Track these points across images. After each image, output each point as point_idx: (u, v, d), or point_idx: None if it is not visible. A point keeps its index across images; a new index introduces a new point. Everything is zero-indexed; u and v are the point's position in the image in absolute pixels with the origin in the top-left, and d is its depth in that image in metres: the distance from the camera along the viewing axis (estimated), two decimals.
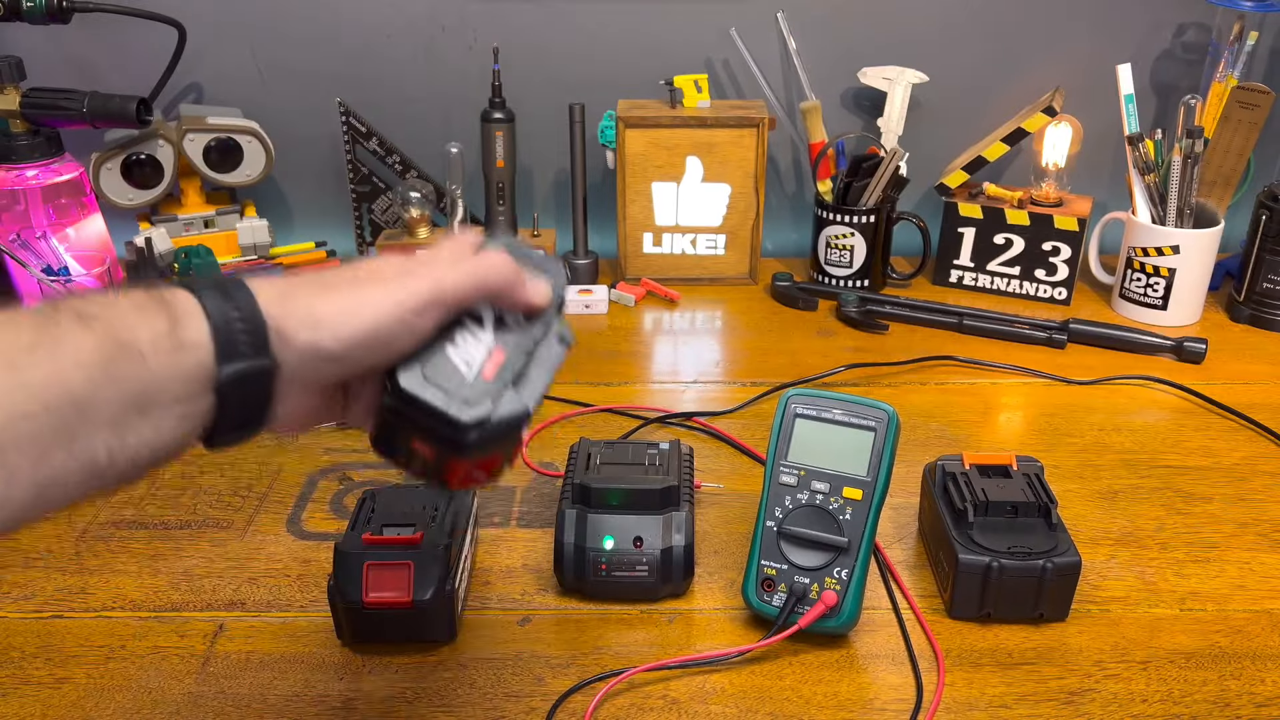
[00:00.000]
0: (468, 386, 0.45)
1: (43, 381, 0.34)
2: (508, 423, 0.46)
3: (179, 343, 0.39)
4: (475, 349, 0.47)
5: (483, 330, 0.48)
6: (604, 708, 0.61)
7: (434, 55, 1.22)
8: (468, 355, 0.47)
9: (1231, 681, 0.62)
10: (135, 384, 0.37)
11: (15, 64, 1.06)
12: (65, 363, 0.35)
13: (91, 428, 0.36)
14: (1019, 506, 0.68)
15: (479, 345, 0.47)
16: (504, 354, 0.48)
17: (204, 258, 1.11)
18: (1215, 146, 1.12)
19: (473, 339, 0.48)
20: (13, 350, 0.34)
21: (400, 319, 0.44)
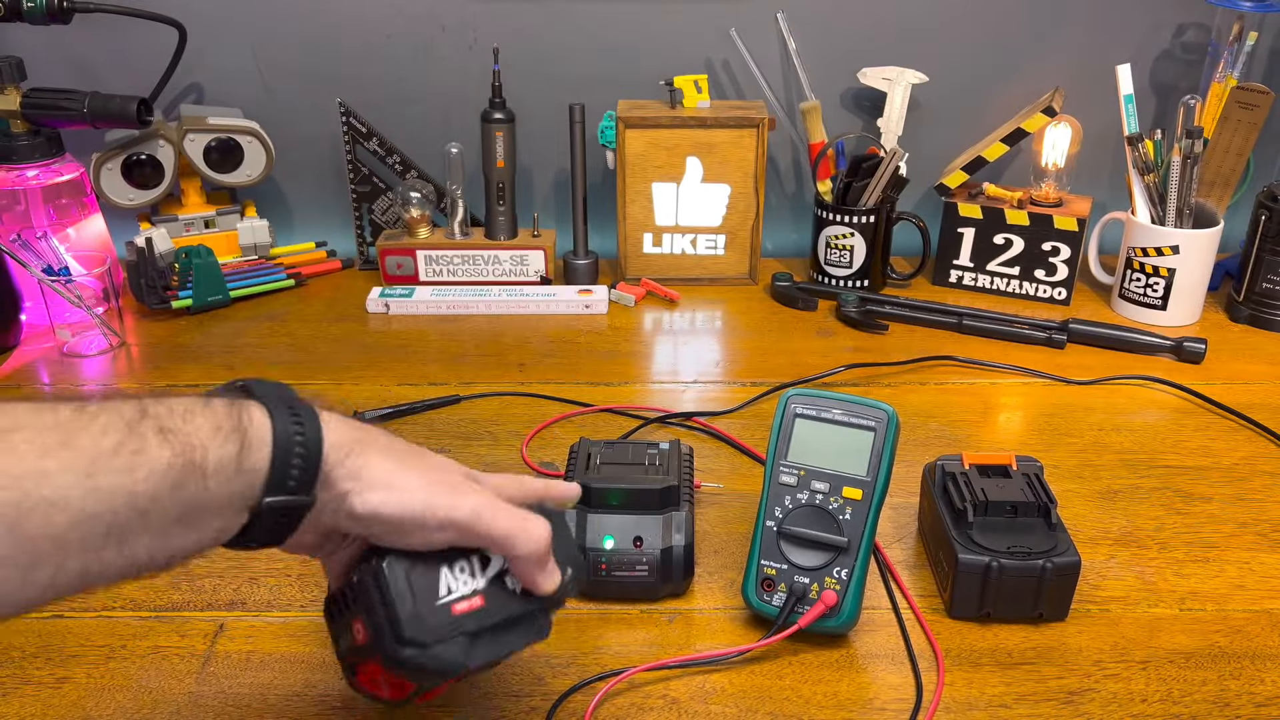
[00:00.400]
0: (433, 610, 0.47)
1: (115, 489, 0.36)
2: (440, 665, 0.46)
3: (240, 468, 0.41)
4: (464, 583, 0.48)
5: (483, 573, 0.49)
6: (604, 707, 0.61)
7: (434, 55, 1.22)
8: (454, 583, 0.48)
9: (1231, 681, 0.63)
10: (192, 501, 0.39)
11: (16, 64, 1.06)
12: (140, 474, 0.37)
13: (143, 533, 0.38)
14: (1018, 506, 0.68)
15: (469, 582, 0.48)
16: (483, 604, 0.48)
17: (204, 258, 1.12)
18: (1215, 147, 1.12)
19: (468, 573, 0.49)
20: (95, 452, 0.36)
21: (424, 522, 0.46)
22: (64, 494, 0.35)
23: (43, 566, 0.35)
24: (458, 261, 1.19)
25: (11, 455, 0.34)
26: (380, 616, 0.46)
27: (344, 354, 1.04)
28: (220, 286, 1.13)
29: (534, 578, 0.49)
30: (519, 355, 1.05)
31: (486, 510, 0.47)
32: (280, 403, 0.44)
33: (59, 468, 0.35)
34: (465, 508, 0.47)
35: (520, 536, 0.48)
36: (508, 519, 0.48)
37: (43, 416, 0.36)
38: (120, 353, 1.05)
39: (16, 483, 0.34)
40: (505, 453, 0.87)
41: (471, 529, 0.47)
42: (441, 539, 0.47)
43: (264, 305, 1.16)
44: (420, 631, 0.46)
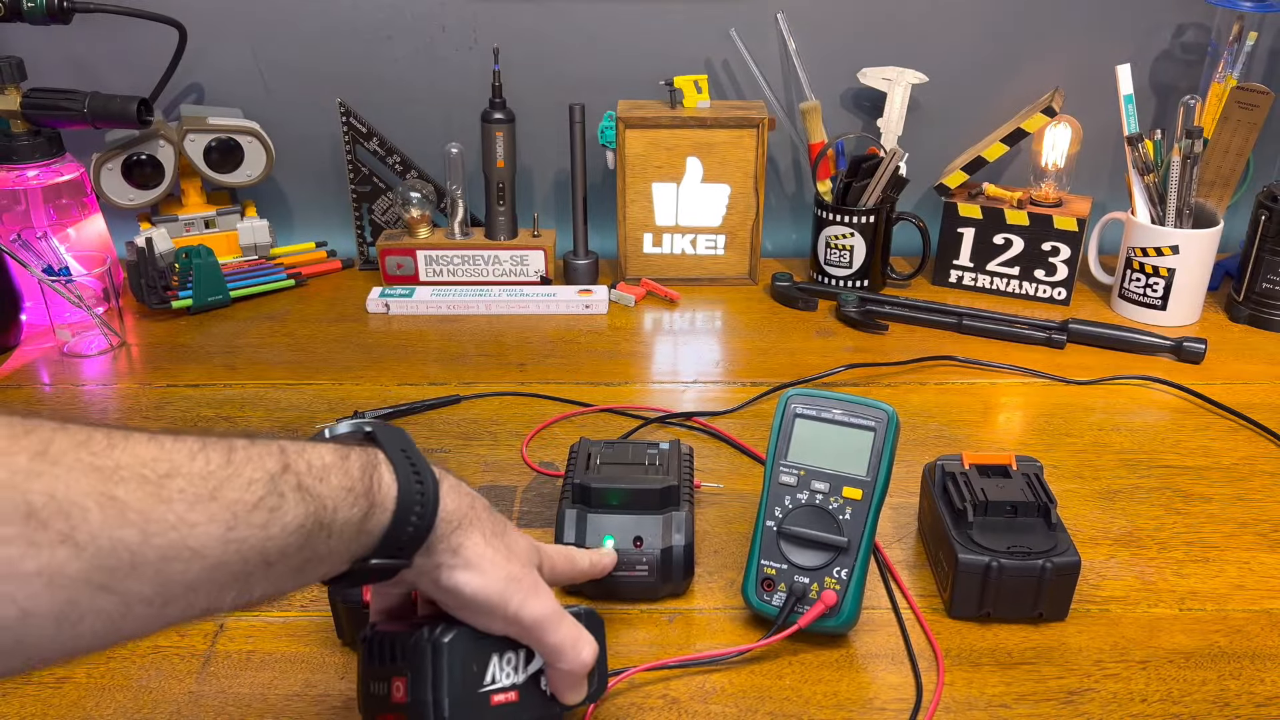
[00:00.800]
0: (475, 696, 0.48)
1: (250, 542, 0.37)
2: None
3: (361, 530, 0.43)
4: (507, 675, 0.50)
5: (525, 669, 0.51)
6: (604, 707, 0.61)
7: (434, 55, 1.22)
8: (498, 673, 0.49)
9: (1231, 681, 0.63)
10: (312, 554, 0.41)
11: (16, 64, 1.06)
12: (274, 530, 0.38)
13: (264, 580, 0.39)
14: (1018, 506, 0.68)
15: (511, 675, 0.50)
16: (517, 699, 0.50)
17: (204, 258, 1.12)
18: (1214, 147, 1.12)
19: (512, 666, 0.50)
20: (239, 506, 0.37)
21: (494, 611, 0.48)
22: (206, 545, 0.36)
23: (175, 604, 0.36)
24: (458, 261, 1.20)
25: (166, 504, 0.35)
26: (426, 688, 0.47)
27: (344, 354, 1.04)
28: (220, 286, 1.13)
29: (566, 690, 0.51)
30: (519, 355, 1.05)
31: (551, 620, 0.49)
32: (405, 463, 0.45)
33: (205, 519, 0.36)
34: (534, 612, 0.49)
35: (570, 653, 0.50)
36: (564, 634, 0.50)
37: (195, 463, 0.37)
38: (120, 353, 1.05)
39: (167, 531, 0.35)
40: (505, 453, 0.87)
41: (531, 633, 0.49)
42: (500, 629, 0.49)
43: (264, 305, 1.16)
44: (459, 715, 0.47)
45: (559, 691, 0.51)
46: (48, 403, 0.96)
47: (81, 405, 0.95)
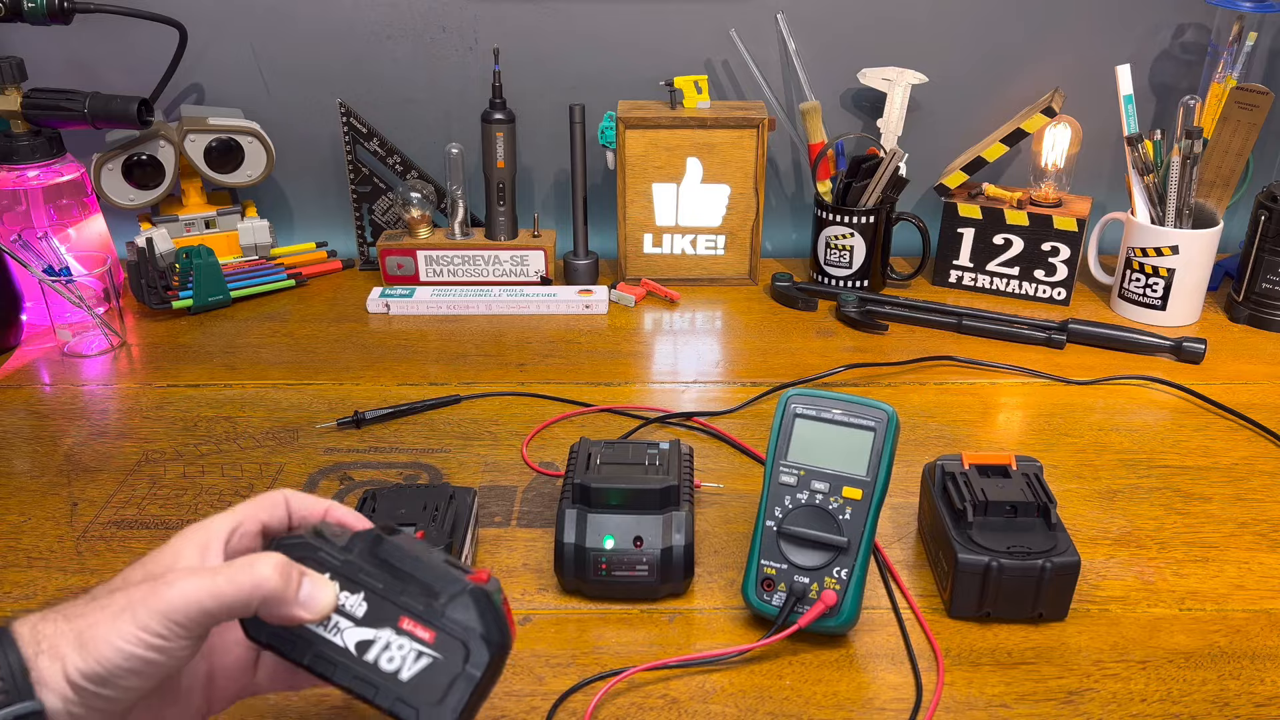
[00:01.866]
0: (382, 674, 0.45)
1: None
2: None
3: None
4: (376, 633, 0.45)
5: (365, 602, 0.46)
6: (604, 707, 0.61)
7: (434, 56, 1.23)
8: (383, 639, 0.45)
9: (1230, 681, 0.63)
10: None
11: (16, 64, 1.06)
12: None
13: None
14: (1018, 506, 0.68)
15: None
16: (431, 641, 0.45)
17: (205, 258, 1.12)
18: (1214, 147, 1.12)
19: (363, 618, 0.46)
20: None
21: (142, 652, 0.41)
22: None
23: None
24: (458, 262, 1.20)
25: None
26: (379, 699, 0.44)
27: (344, 354, 1.05)
28: (221, 287, 1.13)
29: (289, 614, 0.44)
30: (519, 355, 1.05)
31: (201, 590, 0.41)
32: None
33: None
34: (151, 611, 0.41)
35: (237, 590, 0.42)
36: (228, 584, 0.42)
37: None
38: (121, 353, 1.05)
39: None
40: (505, 453, 0.87)
41: (188, 622, 0.41)
42: (179, 649, 0.42)
43: (265, 305, 1.16)
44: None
45: (286, 617, 0.44)
46: (48, 403, 0.96)
47: (81, 405, 0.95)
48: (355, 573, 0.46)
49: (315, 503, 0.51)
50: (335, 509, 0.51)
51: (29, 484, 0.83)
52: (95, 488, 0.82)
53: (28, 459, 0.87)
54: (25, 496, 0.81)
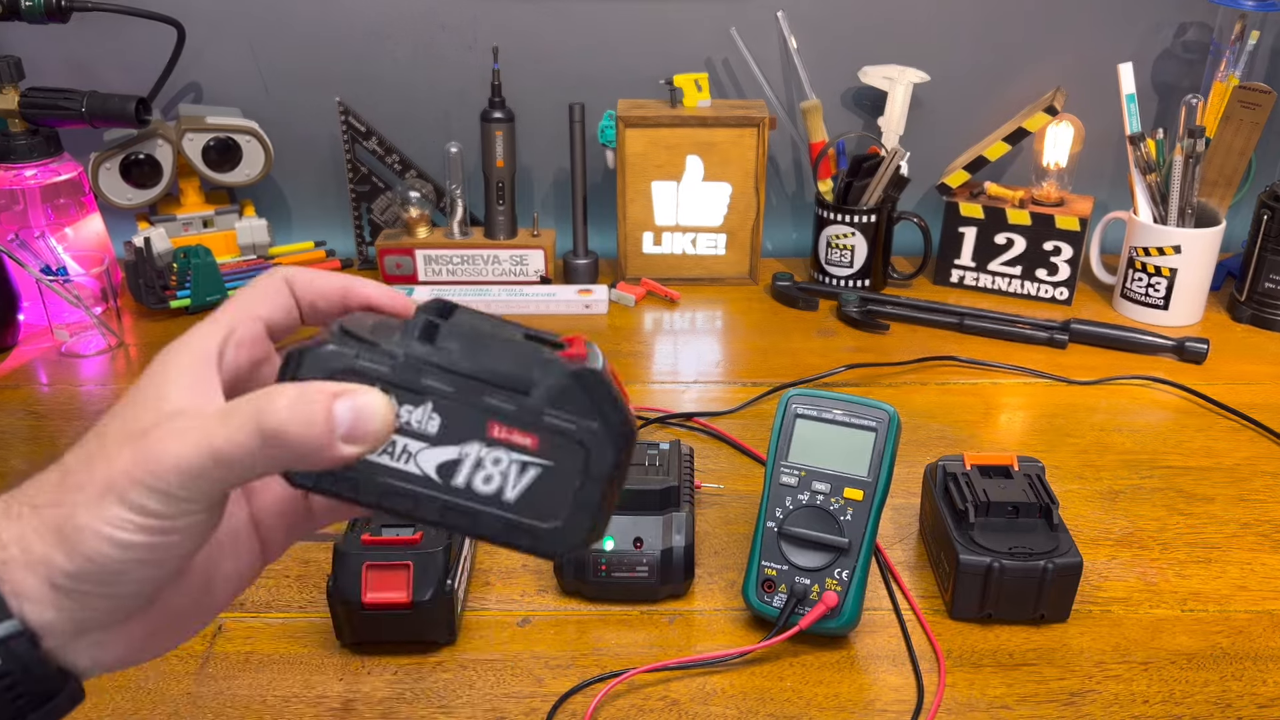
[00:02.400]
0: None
1: None
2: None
3: None
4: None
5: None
6: (604, 709, 0.60)
7: (434, 54, 1.22)
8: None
9: (1233, 682, 0.62)
10: None
11: (14, 63, 1.06)
12: None
13: None
14: (1020, 507, 0.67)
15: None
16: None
17: (203, 258, 1.11)
18: (1217, 146, 1.11)
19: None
20: None
21: (141, 538, 0.31)
22: None
23: None
24: (457, 261, 1.19)
25: None
26: (481, 528, 0.35)
27: None
28: (219, 286, 1.13)
29: (326, 455, 0.32)
30: None
31: (210, 444, 0.31)
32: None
33: None
34: (176, 454, 0.31)
35: (270, 427, 0.31)
36: (237, 429, 0.31)
37: None
38: (119, 353, 1.05)
39: None
40: None
41: (202, 487, 0.31)
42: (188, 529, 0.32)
43: None
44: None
45: (336, 459, 0.32)
46: (45, 403, 0.95)
47: (79, 405, 0.95)
48: (412, 377, 0.33)
49: (328, 281, 0.37)
50: (356, 286, 0.38)
51: None
52: None
53: (25, 459, 0.86)
54: None
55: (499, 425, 0.33)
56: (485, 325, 0.35)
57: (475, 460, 0.34)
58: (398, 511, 0.34)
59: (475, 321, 0.35)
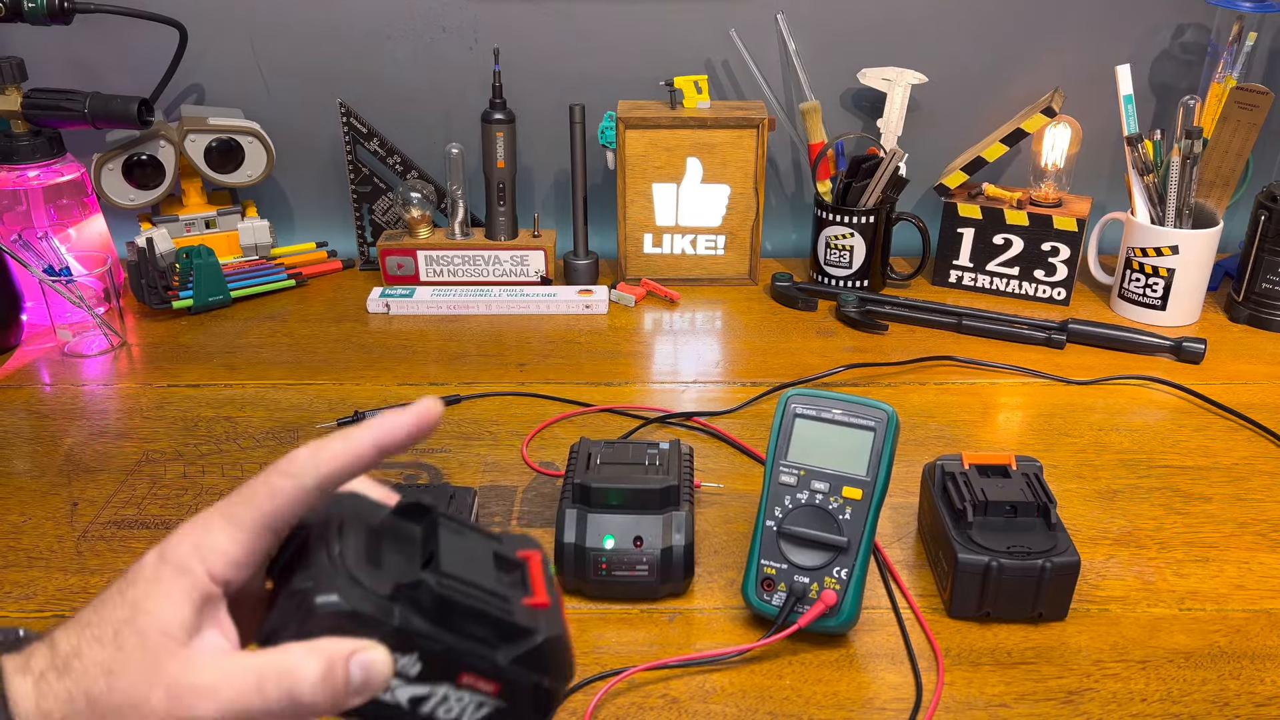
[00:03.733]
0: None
1: None
2: None
3: None
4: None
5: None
6: (604, 707, 0.61)
7: (435, 55, 1.22)
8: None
9: (1230, 681, 0.63)
10: None
11: (17, 64, 1.06)
12: None
13: None
14: (1018, 506, 0.68)
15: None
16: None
17: (205, 258, 1.12)
18: (1214, 147, 1.12)
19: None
20: None
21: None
22: None
23: None
24: (458, 262, 1.20)
25: None
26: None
27: (344, 354, 1.05)
28: (221, 287, 1.13)
29: (339, 710, 0.37)
30: (519, 355, 1.05)
31: (231, 698, 0.35)
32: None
33: None
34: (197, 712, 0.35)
35: (287, 693, 0.35)
36: (256, 690, 0.35)
37: None
38: (121, 353, 1.05)
39: None
40: (505, 453, 0.87)
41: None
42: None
43: (265, 305, 1.16)
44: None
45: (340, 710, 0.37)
46: (48, 403, 0.96)
47: (82, 406, 0.95)
48: (409, 635, 0.38)
49: (347, 466, 0.39)
50: (369, 456, 0.40)
51: (29, 484, 0.83)
52: (95, 488, 0.82)
53: (28, 459, 0.87)
54: (25, 496, 0.81)
55: (470, 675, 0.39)
56: (467, 573, 0.40)
57: (442, 697, 0.39)
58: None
59: (460, 569, 0.40)
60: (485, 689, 0.39)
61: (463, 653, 0.39)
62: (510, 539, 0.44)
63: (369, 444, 0.39)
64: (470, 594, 0.39)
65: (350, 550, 0.39)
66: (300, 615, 0.37)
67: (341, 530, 0.39)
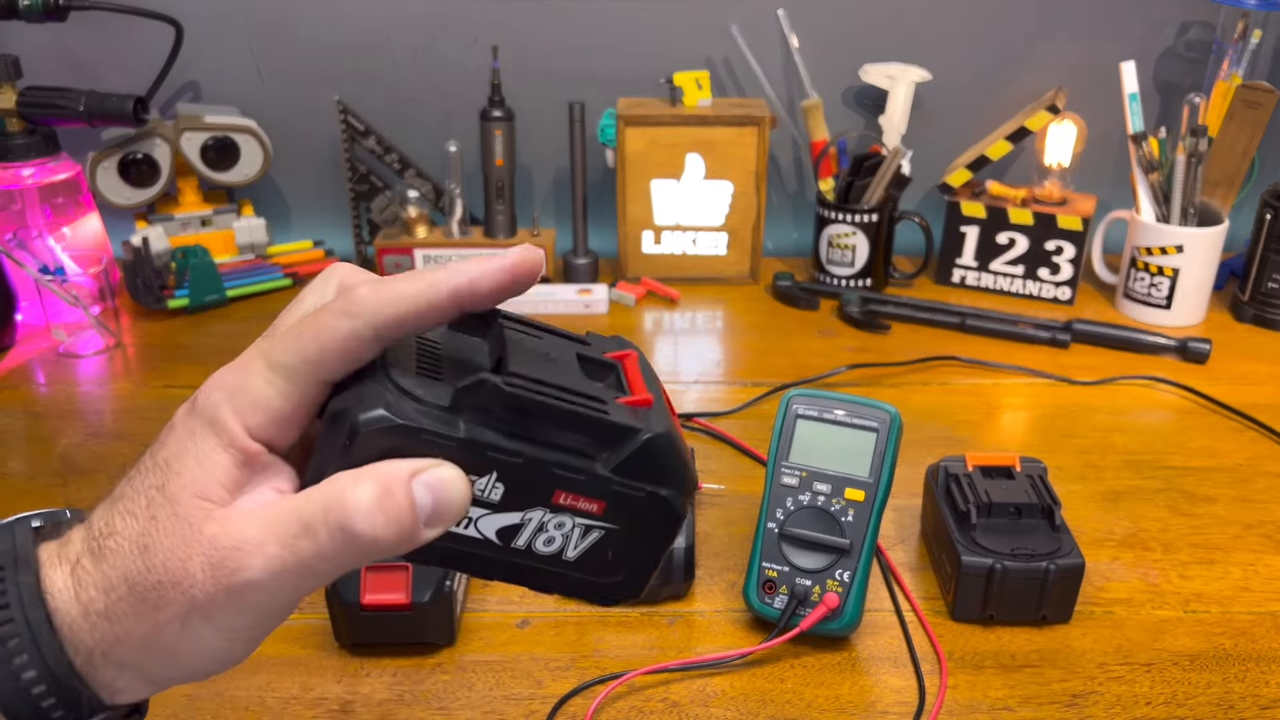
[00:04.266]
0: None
1: None
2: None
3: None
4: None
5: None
6: (604, 711, 0.60)
7: (433, 53, 1.22)
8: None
9: (1235, 684, 0.62)
10: None
11: (12, 62, 1.06)
12: None
13: None
14: (1022, 508, 0.67)
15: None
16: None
17: (201, 257, 1.11)
18: (1219, 145, 1.11)
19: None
20: None
21: (227, 651, 0.33)
22: None
23: None
24: (456, 261, 1.19)
25: None
26: (541, 582, 0.35)
27: None
28: (217, 286, 1.13)
29: (412, 545, 0.32)
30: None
31: (280, 545, 0.31)
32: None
33: None
34: (247, 571, 0.31)
35: (344, 518, 0.30)
36: (306, 528, 0.31)
37: None
38: (116, 353, 1.04)
39: None
40: None
41: (290, 602, 0.32)
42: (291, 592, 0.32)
43: (261, 305, 1.15)
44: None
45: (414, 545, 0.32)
46: (43, 403, 0.95)
47: (77, 406, 0.94)
48: (479, 449, 0.32)
49: (407, 307, 0.32)
50: (440, 301, 0.33)
51: (24, 485, 0.82)
52: (91, 489, 0.81)
53: (23, 460, 0.86)
54: (20, 498, 0.80)
55: (565, 493, 0.33)
56: (548, 372, 0.33)
57: (538, 525, 0.33)
58: (456, 569, 0.34)
59: (537, 368, 0.33)
60: (588, 508, 0.33)
61: (552, 464, 0.32)
62: (599, 340, 0.36)
63: (446, 292, 0.32)
64: (551, 393, 0.32)
65: (400, 366, 0.32)
66: (344, 442, 0.31)
67: (388, 354, 0.32)
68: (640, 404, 0.34)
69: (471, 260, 0.33)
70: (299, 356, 0.31)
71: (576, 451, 0.32)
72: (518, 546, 0.33)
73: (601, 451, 0.33)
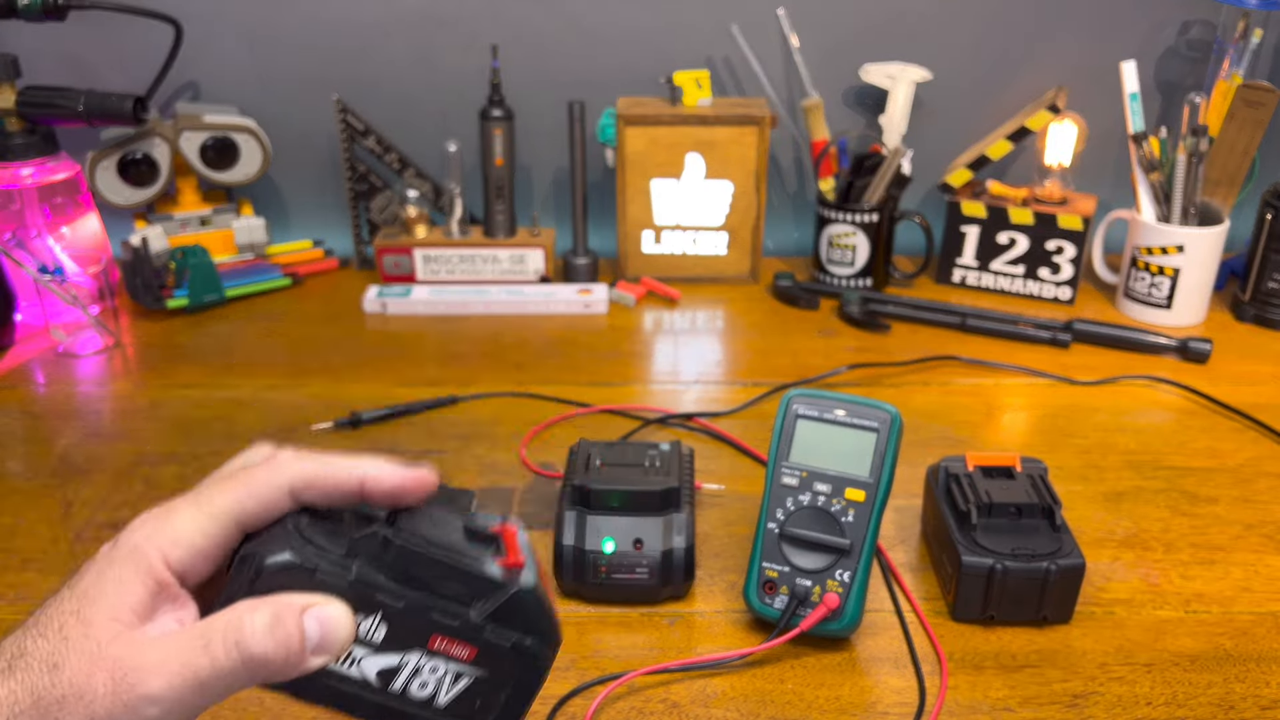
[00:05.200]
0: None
1: None
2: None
3: None
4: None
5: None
6: (604, 711, 0.60)
7: (432, 53, 1.22)
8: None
9: (1236, 684, 0.62)
10: None
11: (11, 62, 1.05)
12: None
13: None
14: (1023, 508, 0.67)
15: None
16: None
17: (200, 257, 1.11)
18: (1220, 145, 1.11)
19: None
20: None
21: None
22: None
23: None
24: (456, 261, 1.19)
25: None
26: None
27: (341, 354, 1.04)
28: (216, 286, 1.13)
29: (295, 672, 0.36)
30: (518, 355, 1.04)
31: (186, 672, 0.34)
32: None
33: None
34: (155, 689, 0.33)
35: (247, 647, 0.34)
36: (207, 660, 0.34)
37: None
38: (116, 353, 1.04)
39: None
40: (504, 454, 0.86)
41: (184, 714, 0.34)
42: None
43: (260, 305, 1.15)
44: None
45: (298, 673, 0.36)
46: (42, 403, 0.95)
47: (76, 406, 0.94)
48: (367, 591, 0.36)
49: (340, 485, 0.38)
50: (369, 483, 0.39)
51: (22, 485, 0.82)
52: (90, 489, 0.81)
53: (21, 460, 0.86)
54: (19, 498, 0.80)
55: (441, 637, 0.37)
56: (431, 531, 0.38)
57: (414, 668, 0.37)
58: (339, 709, 0.38)
59: (422, 527, 0.38)
60: (460, 654, 0.37)
61: (430, 609, 0.36)
62: (484, 517, 0.40)
63: (355, 476, 0.38)
64: (434, 549, 0.37)
65: (306, 519, 0.37)
66: (250, 577, 0.35)
67: (298, 511, 0.38)
68: (514, 565, 0.38)
69: (383, 461, 0.39)
70: (229, 499, 0.37)
71: (454, 599, 0.37)
72: (394, 690, 0.37)
73: (476, 601, 0.37)
